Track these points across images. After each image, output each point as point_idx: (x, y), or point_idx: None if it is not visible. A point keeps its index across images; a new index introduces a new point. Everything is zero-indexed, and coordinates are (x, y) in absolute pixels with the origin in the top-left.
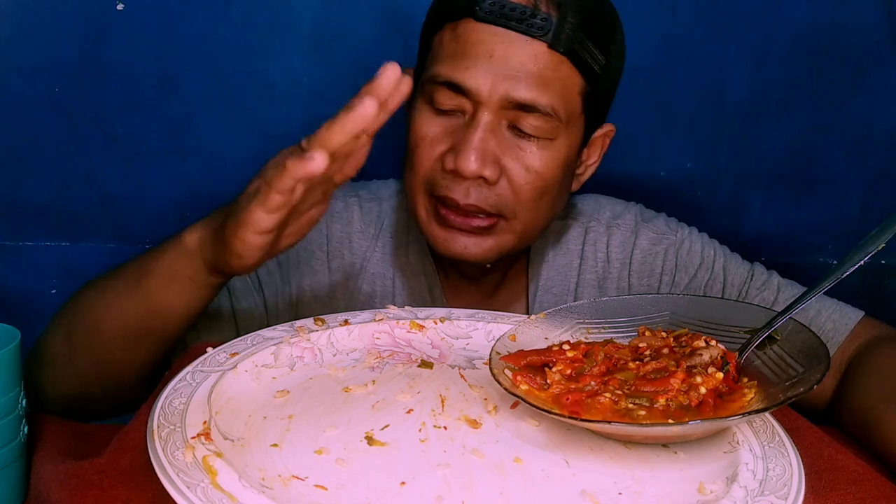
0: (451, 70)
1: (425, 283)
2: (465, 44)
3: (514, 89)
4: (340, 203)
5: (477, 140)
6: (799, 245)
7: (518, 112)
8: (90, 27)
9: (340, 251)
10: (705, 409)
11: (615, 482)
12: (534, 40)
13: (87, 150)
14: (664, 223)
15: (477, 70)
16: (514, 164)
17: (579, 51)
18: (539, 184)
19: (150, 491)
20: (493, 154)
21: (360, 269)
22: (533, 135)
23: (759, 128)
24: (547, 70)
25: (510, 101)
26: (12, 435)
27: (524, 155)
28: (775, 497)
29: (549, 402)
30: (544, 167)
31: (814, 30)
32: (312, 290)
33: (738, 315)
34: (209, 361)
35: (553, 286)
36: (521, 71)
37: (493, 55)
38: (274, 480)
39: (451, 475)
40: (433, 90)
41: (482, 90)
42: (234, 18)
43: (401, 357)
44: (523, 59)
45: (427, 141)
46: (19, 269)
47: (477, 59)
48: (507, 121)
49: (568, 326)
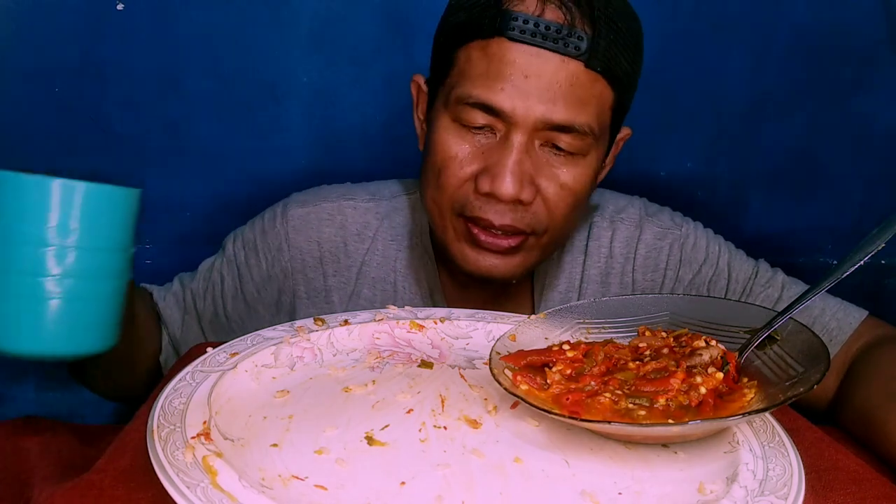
0: (484, 91)
1: (427, 287)
2: (499, 63)
3: (551, 112)
4: (332, 205)
5: (513, 163)
6: (799, 245)
7: (553, 132)
8: (90, 27)
9: (335, 255)
10: (705, 409)
11: (615, 482)
12: (570, 59)
13: (87, 150)
14: (669, 217)
15: (512, 92)
16: (548, 183)
17: (614, 67)
18: (572, 200)
19: (150, 491)
20: (528, 175)
21: (359, 273)
22: (567, 151)
23: (759, 128)
24: (583, 89)
25: (546, 123)
26: (122, 271)
27: (558, 173)
28: (775, 497)
29: (549, 402)
30: (577, 183)
31: (814, 30)
32: (309, 296)
33: (738, 315)
34: (209, 361)
35: (559, 285)
36: (558, 92)
37: (529, 76)
38: (274, 480)
39: (451, 475)
40: (463, 110)
41: (518, 112)
42: (234, 18)
43: (401, 357)
44: (560, 79)
45: (457, 161)
46: None
47: (512, 79)
48: (541, 140)
49: (568, 326)
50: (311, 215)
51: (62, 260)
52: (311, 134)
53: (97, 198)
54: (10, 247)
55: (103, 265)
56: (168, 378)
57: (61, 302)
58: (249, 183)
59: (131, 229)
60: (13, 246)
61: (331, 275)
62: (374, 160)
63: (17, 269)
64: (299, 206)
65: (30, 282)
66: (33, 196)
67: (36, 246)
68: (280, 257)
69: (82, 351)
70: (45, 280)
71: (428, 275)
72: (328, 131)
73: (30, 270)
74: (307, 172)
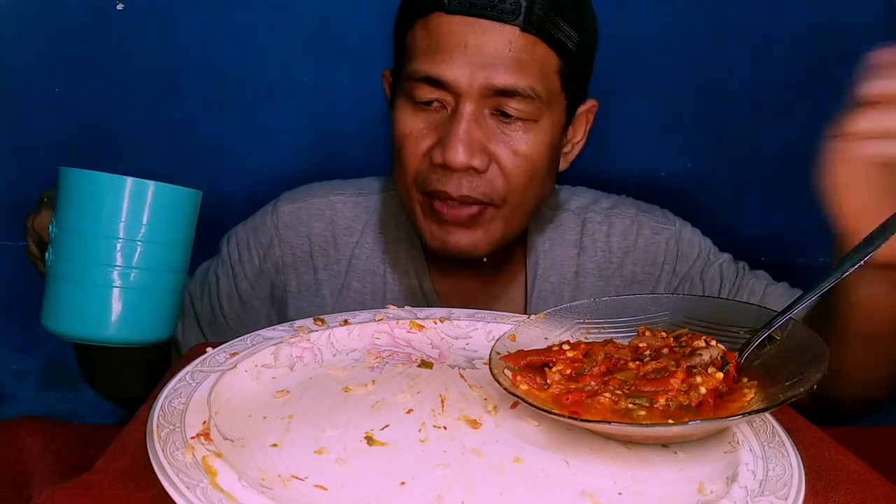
0: (428, 65)
1: (416, 278)
2: (438, 37)
3: (492, 77)
4: (321, 200)
5: (462, 131)
6: (799, 245)
7: (499, 98)
8: (90, 27)
9: (325, 249)
10: (705, 409)
11: (615, 482)
12: (506, 25)
13: (87, 150)
14: (661, 214)
15: (453, 62)
16: (502, 149)
17: (552, 30)
18: (528, 167)
19: (150, 491)
20: (479, 143)
21: (349, 266)
22: (517, 117)
23: (758, 128)
24: (523, 53)
25: (490, 89)
26: (183, 266)
27: (510, 140)
28: (775, 497)
29: (549, 402)
30: (531, 149)
31: (814, 30)
32: (300, 290)
33: (738, 315)
34: (209, 361)
35: (550, 276)
36: (497, 58)
37: (468, 45)
38: (274, 480)
39: (451, 475)
40: (412, 86)
41: (461, 81)
42: (234, 18)
43: (401, 357)
44: (498, 45)
45: (412, 137)
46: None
47: (452, 51)
48: (490, 108)
49: (568, 326)
50: (300, 211)
51: (131, 253)
52: (311, 134)
53: (164, 196)
54: (85, 239)
55: (166, 259)
56: (168, 378)
57: (128, 291)
58: (249, 183)
59: (192, 227)
60: (87, 238)
61: (321, 268)
62: (374, 160)
63: (89, 260)
64: (289, 203)
65: (101, 272)
66: (108, 192)
67: (108, 239)
68: (271, 252)
69: (144, 338)
70: (114, 270)
71: (416, 266)
72: (328, 131)
73: (101, 261)
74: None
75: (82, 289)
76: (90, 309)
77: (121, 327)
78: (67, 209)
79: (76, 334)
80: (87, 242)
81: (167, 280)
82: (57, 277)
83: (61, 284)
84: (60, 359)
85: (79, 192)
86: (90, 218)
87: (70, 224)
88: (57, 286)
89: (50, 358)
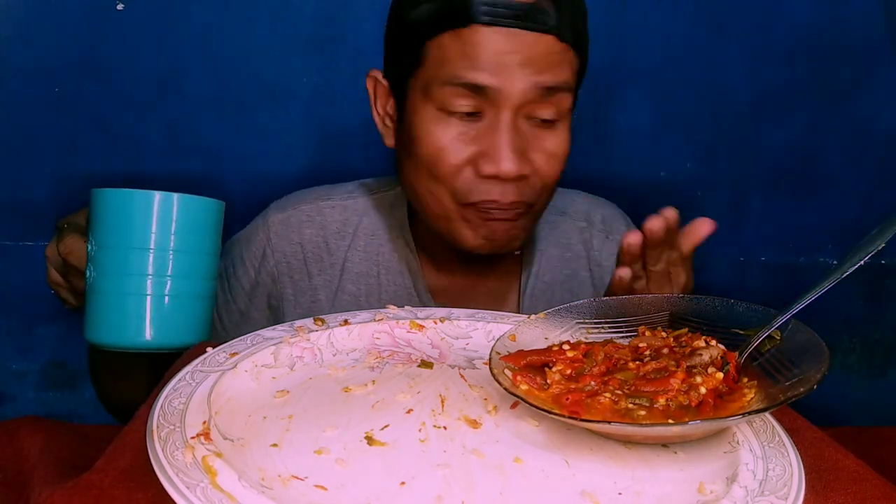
0: (469, 72)
1: (410, 279)
2: (478, 47)
3: (535, 80)
4: (310, 206)
5: (510, 141)
6: (799, 245)
7: (533, 105)
8: (90, 27)
9: (318, 255)
10: (705, 409)
11: (615, 482)
12: (543, 35)
13: (87, 150)
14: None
15: (495, 69)
16: (539, 154)
17: (577, 35)
18: (558, 166)
19: (149, 491)
20: (522, 150)
21: (342, 270)
22: (548, 120)
23: (759, 128)
24: (558, 59)
25: (535, 89)
26: (212, 272)
27: (544, 144)
28: (775, 497)
29: (549, 402)
30: (559, 149)
31: (814, 30)
32: (296, 297)
33: (738, 315)
34: (209, 361)
35: (544, 275)
36: (538, 64)
37: (508, 53)
38: (274, 480)
39: (451, 475)
40: (447, 94)
41: (504, 87)
42: (234, 18)
43: (401, 357)
44: (539, 53)
45: (449, 150)
46: (19, 269)
47: (494, 59)
48: (523, 116)
49: (568, 326)
50: (291, 219)
51: (163, 262)
52: (311, 134)
53: (189, 207)
54: (119, 253)
55: (196, 267)
56: (168, 378)
57: (163, 299)
58: (249, 183)
59: (218, 236)
60: (122, 252)
61: (315, 274)
62: (373, 160)
63: (125, 272)
64: (278, 212)
65: (136, 282)
66: (137, 207)
67: (140, 251)
68: (265, 263)
69: (180, 343)
70: (148, 280)
71: (410, 266)
72: (328, 131)
73: (136, 272)
74: (307, 172)
75: (120, 300)
76: (129, 318)
77: (158, 333)
78: (102, 227)
79: (118, 343)
80: (122, 256)
81: (198, 287)
82: (97, 292)
83: (101, 298)
84: (60, 359)
85: (111, 209)
86: (123, 233)
87: (105, 240)
88: (97, 300)
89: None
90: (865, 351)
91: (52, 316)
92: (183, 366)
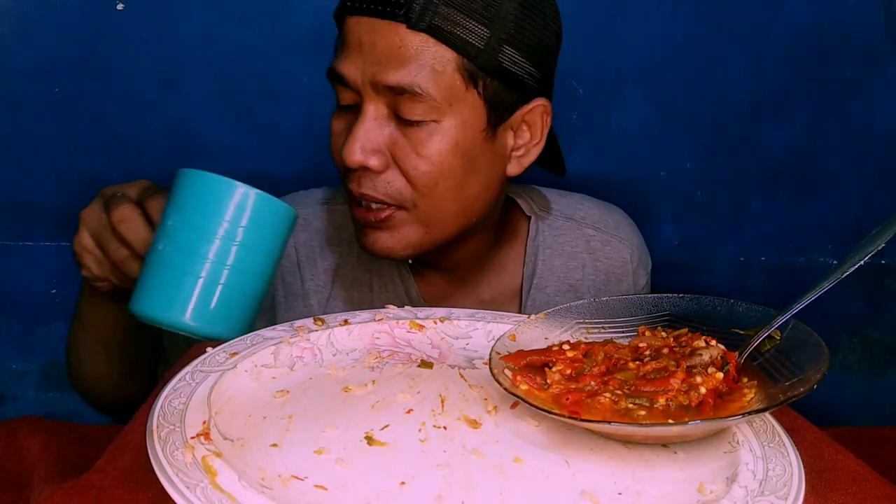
0: (335, 63)
1: (402, 286)
2: (345, 37)
3: (380, 73)
4: (307, 211)
5: (359, 130)
6: (799, 245)
7: (395, 97)
8: (90, 27)
9: (312, 259)
10: (705, 409)
11: (615, 482)
12: (394, 23)
13: (87, 150)
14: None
15: (350, 60)
16: (402, 151)
17: (443, 25)
18: (429, 169)
19: (149, 491)
20: (376, 143)
21: (335, 276)
22: (415, 119)
23: (759, 128)
24: (409, 50)
25: (379, 85)
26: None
27: (411, 141)
28: (775, 497)
29: (549, 402)
30: (433, 151)
31: (814, 30)
32: (288, 301)
33: (738, 315)
34: (209, 361)
35: (546, 285)
36: (385, 55)
37: (363, 43)
38: (274, 480)
39: (451, 475)
40: (334, 88)
41: (355, 78)
42: (234, 18)
43: (401, 357)
44: (387, 43)
45: (334, 138)
46: (19, 269)
47: (351, 49)
48: (390, 109)
49: (568, 326)
50: None
51: (225, 251)
52: (311, 134)
53: (263, 206)
54: (188, 232)
55: (255, 265)
56: (167, 378)
57: (215, 286)
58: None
59: (283, 242)
60: (190, 231)
61: (308, 279)
62: None
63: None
64: None
65: (195, 263)
66: (217, 193)
67: (209, 234)
68: None
69: (216, 333)
70: (207, 264)
71: (401, 274)
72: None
73: (198, 254)
74: (307, 172)
75: (175, 276)
76: (176, 296)
77: (199, 318)
78: (177, 205)
79: (159, 318)
80: (190, 236)
81: (251, 284)
82: (154, 265)
83: (157, 271)
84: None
85: (191, 189)
86: (196, 213)
87: (177, 218)
88: (153, 272)
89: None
90: (865, 351)
91: (52, 316)
92: (183, 366)
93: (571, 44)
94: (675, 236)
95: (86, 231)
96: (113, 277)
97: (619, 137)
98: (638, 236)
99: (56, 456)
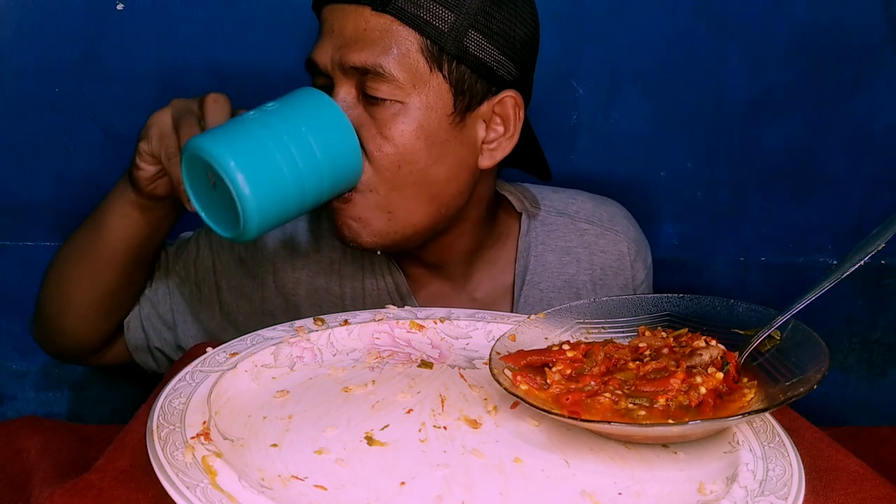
0: (310, 53)
1: (392, 281)
2: (321, 27)
3: (346, 55)
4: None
5: None
6: (799, 245)
7: (362, 78)
8: (90, 27)
9: (306, 250)
10: (705, 409)
11: (615, 482)
12: (359, 6)
13: (87, 150)
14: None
15: (321, 47)
16: (368, 132)
17: (407, 7)
18: (392, 150)
19: (149, 491)
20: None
21: (331, 271)
22: (380, 98)
23: (759, 128)
24: (374, 32)
25: (346, 66)
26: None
27: (377, 122)
28: (775, 497)
29: (549, 402)
30: (396, 132)
31: (814, 30)
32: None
33: (738, 315)
34: (209, 361)
35: (539, 282)
36: (352, 38)
37: (333, 29)
38: (274, 480)
39: (450, 475)
40: (311, 79)
41: (325, 63)
42: (234, 18)
43: (400, 357)
44: (353, 26)
45: None
46: (19, 269)
47: (323, 37)
48: (358, 91)
49: (568, 326)
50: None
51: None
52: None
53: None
54: (280, 119)
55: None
56: (168, 378)
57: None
58: None
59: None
60: (283, 121)
61: (300, 267)
62: None
63: (271, 128)
64: None
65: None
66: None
67: (296, 129)
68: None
69: (248, 199)
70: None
71: (391, 269)
72: None
73: (278, 133)
74: None
75: (246, 131)
76: (238, 142)
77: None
78: (284, 100)
79: (211, 150)
80: (278, 120)
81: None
82: (234, 121)
83: (233, 124)
84: None
85: (303, 96)
86: (295, 111)
87: (278, 107)
88: (229, 123)
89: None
90: (865, 351)
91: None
92: (183, 366)
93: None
94: (675, 236)
95: (170, 108)
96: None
97: (619, 137)
98: (635, 229)
99: (56, 456)
